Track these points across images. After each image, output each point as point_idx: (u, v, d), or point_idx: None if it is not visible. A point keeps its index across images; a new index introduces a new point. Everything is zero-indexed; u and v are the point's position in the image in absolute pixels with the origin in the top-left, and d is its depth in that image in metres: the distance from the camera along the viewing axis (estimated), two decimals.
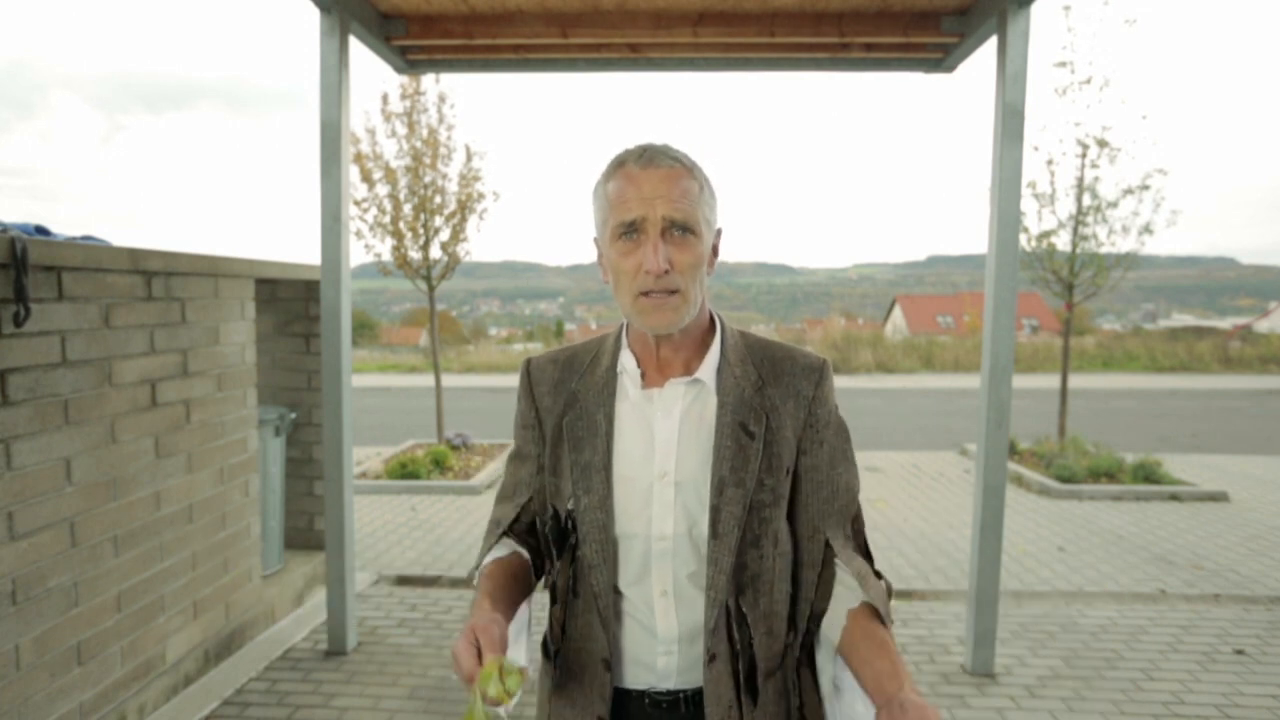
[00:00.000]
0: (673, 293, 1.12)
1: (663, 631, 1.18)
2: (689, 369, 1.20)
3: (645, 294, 1.12)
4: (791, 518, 1.22)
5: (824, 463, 1.21)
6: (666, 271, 1.10)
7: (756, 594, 1.16)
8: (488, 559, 1.26)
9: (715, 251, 1.21)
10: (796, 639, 1.23)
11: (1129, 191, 7.39)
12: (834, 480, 1.21)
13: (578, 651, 1.22)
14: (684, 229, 1.11)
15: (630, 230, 1.11)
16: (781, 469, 1.18)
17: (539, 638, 1.33)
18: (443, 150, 7.44)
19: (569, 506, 1.21)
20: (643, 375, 1.21)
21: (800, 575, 1.22)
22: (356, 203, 7.27)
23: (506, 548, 1.28)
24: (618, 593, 1.21)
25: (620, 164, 1.15)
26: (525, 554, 1.28)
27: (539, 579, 1.31)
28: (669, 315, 1.12)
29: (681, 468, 1.16)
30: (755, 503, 1.15)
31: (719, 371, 1.20)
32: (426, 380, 16.34)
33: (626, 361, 1.22)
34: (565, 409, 1.24)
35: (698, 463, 1.16)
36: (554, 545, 1.22)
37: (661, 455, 1.17)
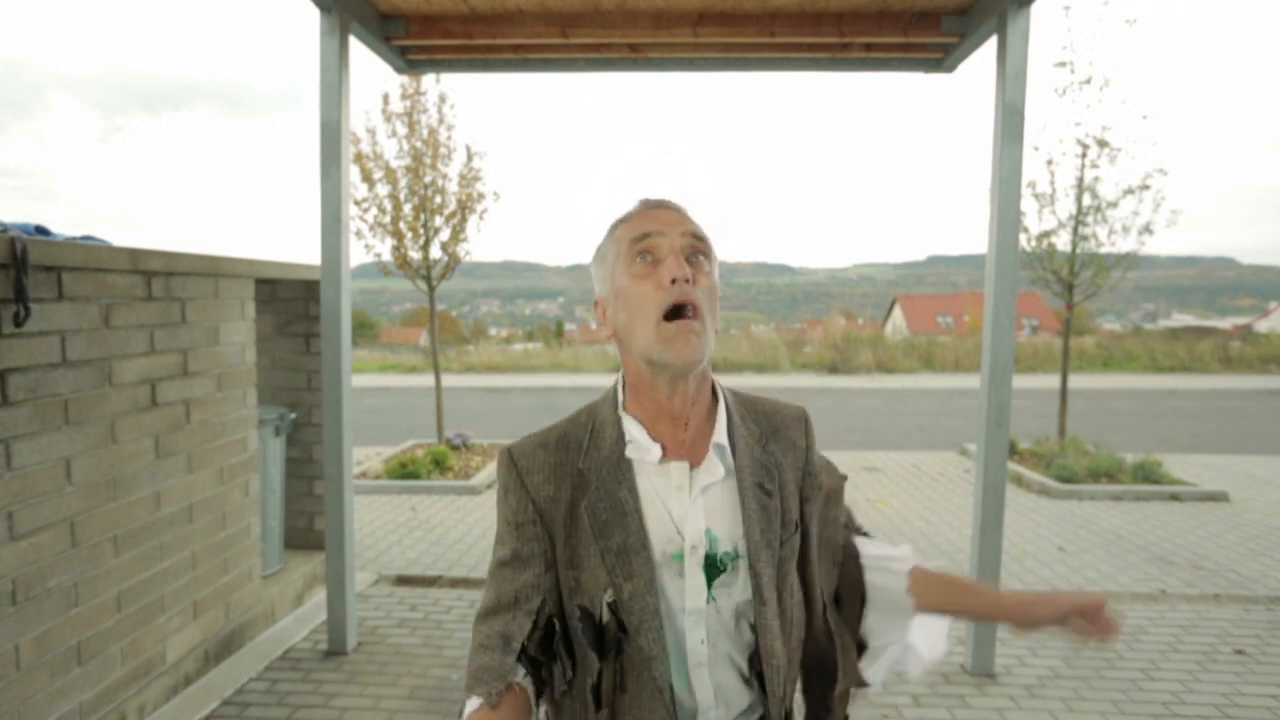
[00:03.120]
0: (695, 315, 1.07)
1: (701, 702, 1.13)
2: (700, 432, 1.15)
3: (669, 317, 1.06)
4: (800, 561, 1.21)
5: (821, 505, 1.24)
6: (689, 280, 1.07)
7: (792, 666, 1.18)
8: (472, 708, 1.05)
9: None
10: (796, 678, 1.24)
11: (1129, 191, 7.38)
12: (828, 518, 1.26)
13: None
14: (701, 252, 1.12)
15: (647, 250, 1.10)
16: (791, 523, 1.17)
17: None
18: (443, 150, 7.44)
19: (607, 599, 1.09)
20: (655, 442, 1.13)
21: (811, 611, 1.23)
22: (356, 203, 7.27)
23: (476, 701, 1.06)
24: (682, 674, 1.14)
25: (630, 213, 1.16)
26: (525, 685, 1.10)
27: (538, 702, 1.15)
28: (692, 342, 1.06)
29: (713, 537, 1.12)
30: (784, 557, 1.15)
31: (730, 431, 1.17)
32: (426, 380, 16.35)
33: (633, 431, 1.14)
34: (576, 494, 1.12)
35: (724, 531, 1.12)
36: (594, 649, 1.09)
37: (691, 528, 1.11)
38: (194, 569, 3.25)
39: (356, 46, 3.66)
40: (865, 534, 1.32)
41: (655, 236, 1.10)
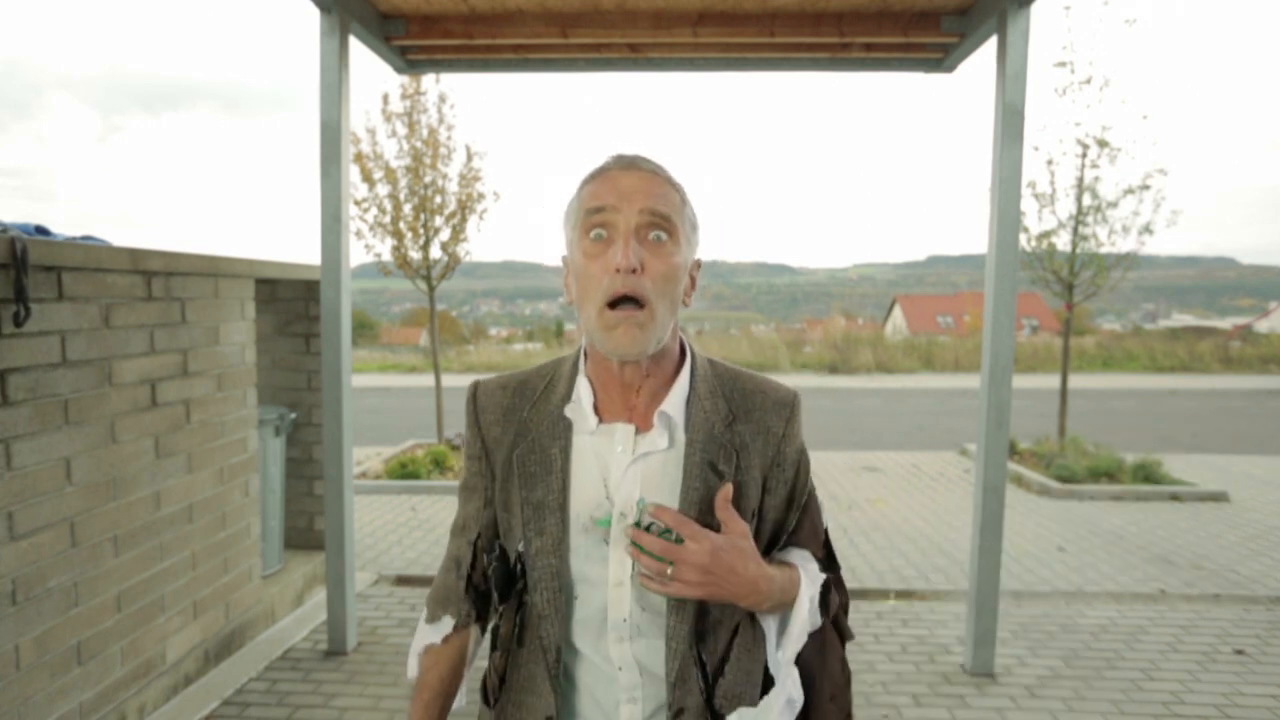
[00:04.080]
0: (640, 306, 1.01)
1: (625, 679, 1.10)
2: (655, 400, 1.10)
3: (612, 305, 1.01)
4: None
5: (782, 502, 1.14)
6: (635, 271, 1.00)
7: (716, 641, 1.10)
8: (427, 640, 1.19)
9: (693, 282, 1.12)
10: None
11: (1129, 191, 7.39)
12: (789, 523, 1.16)
13: (518, 705, 1.13)
14: (662, 230, 1.03)
15: (600, 226, 1.03)
16: (748, 511, 1.10)
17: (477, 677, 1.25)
18: (443, 150, 7.44)
19: (519, 548, 1.11)
20: (598, 407, 1.11)
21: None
22: (356, 203, 7.27)
23: (450, 623, 1.19)
24: (570, 645, 1.12)
25: (599, 169, 1.08)
26: (470, 624, 1.20)
27: (486, 629, 1.24)
28: (634, 333, 1.01)
29: (643, 507, 1.07)
30: None
31: (688, 405, 1.11)
32: (426, 380, 16.34)
33: (582, 392, 1.11)
34: (516, 440, 1.13)
35: (660, 501, 1.07)
36: (498, 589, 1.14)
37: (623, 494, 1.07)
38: (194, 569, 3.25)
39: (356, 46, 3.66)
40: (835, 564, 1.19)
41: (609, 212, 1.02)
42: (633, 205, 1.02)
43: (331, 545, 3.56)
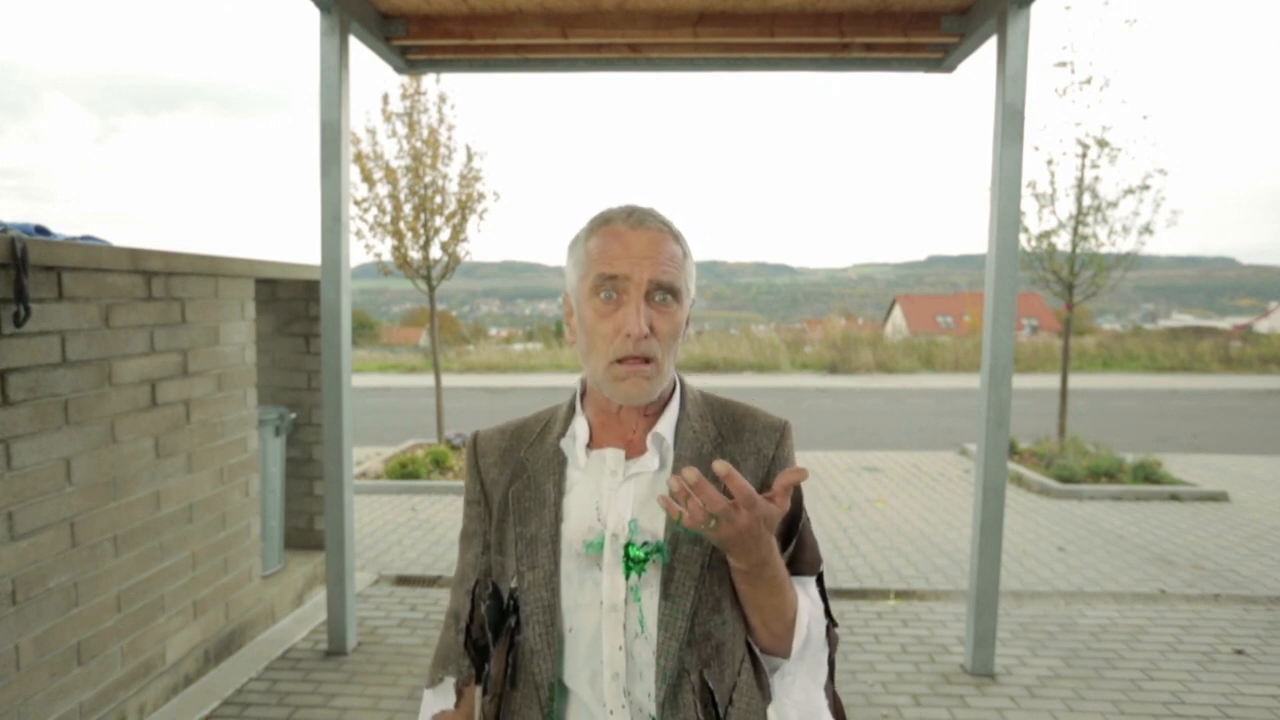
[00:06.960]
0: (648, 361, 1.07)
1: None
2: (651, 422, 1.16)
3: (620, 360, 1.07)
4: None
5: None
6: (646, 336, 1.06)
7: (722, 666, 1.07)
8: (431, 710, 1.18)
9: (687, 321, 1.18)
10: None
11: (1129, 191, 7.39)
12: (786, 552, 1.14)
13: None
14: (668, 293, 1.08)
15: (611, 289, 1.07)
16: None
17: None
18: (443, 150, 7.44)
19: (512, 584, 1.12)
20: (593, 441, 1.15)
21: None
22: (356, 203, 7.27)
23: (450, 683, 1.19)
24: (563, 687, 1.10)
25: (606, 221, 1.11)
26: (472, 681, 1.19)
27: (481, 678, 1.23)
28: (642, 385, 1.08)
29: (635, 527, 1.09)
30: (714, 562, 1.08)
31: (678, 425, 1.15)
32: (426, 380, 16.34)
33: (578, 428, 1.16)
34: (512, 479, 1.17)
35: (650, 524, 1.09)
36: (490, 629, 1.14)
37: (615, 515, 1.09)
38: (194, 569, 3.25)
39: (356, 46, 3.66)
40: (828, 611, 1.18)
41: (621, 280, 1.07)
42: (643, 272, 1.06)
43: (331, 545, 3.56)
